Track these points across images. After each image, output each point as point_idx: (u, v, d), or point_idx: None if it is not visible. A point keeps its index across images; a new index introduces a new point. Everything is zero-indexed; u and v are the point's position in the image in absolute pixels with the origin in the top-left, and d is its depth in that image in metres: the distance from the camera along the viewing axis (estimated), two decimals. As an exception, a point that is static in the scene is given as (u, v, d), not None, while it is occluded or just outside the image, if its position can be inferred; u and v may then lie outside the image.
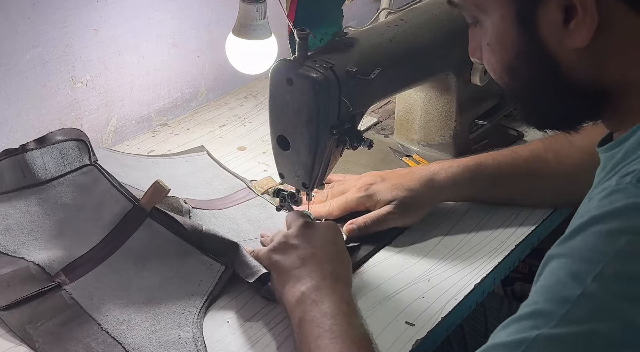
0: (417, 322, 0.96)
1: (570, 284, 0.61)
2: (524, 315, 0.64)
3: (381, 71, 1.02)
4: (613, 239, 0.61)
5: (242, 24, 1.27)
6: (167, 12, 1.37)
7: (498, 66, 0.77)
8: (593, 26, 0.67)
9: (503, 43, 0.74)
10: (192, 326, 0.92)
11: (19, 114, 1.20)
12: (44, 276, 0.96)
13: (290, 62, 0.99)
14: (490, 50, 0.76)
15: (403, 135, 1.34)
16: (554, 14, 0.68)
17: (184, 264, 1.00)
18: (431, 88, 1.26)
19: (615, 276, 0.60)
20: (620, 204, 0.62)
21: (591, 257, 0.61)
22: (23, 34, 1.15)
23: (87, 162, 1.09)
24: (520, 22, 0.71)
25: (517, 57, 0.74)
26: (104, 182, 1.06)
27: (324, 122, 0.99)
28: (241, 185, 1.20)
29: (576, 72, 0.71)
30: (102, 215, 1.04)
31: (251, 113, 1.45)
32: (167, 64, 1.42)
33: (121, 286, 0.97)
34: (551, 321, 0.61)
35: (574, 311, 0.60)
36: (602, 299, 0.60)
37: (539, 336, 0.61)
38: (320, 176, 1.05)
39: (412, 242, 1.11)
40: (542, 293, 0.63)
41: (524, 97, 0.78)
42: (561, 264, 0.63)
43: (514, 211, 1.17)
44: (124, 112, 1.37)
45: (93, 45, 1.27)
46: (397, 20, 1.13)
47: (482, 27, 0.77)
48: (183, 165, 1.24)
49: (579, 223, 0.64)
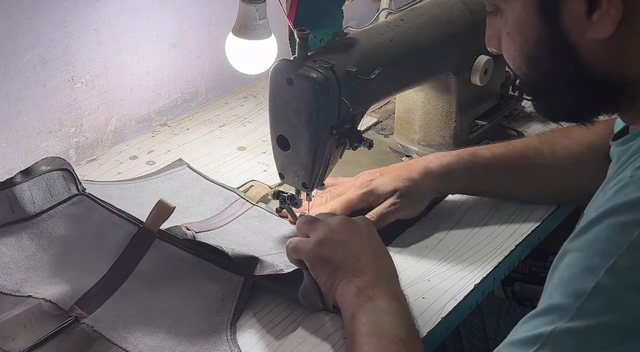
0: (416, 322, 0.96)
1: (584, 277, 0.61)
2: (541, 311, 0.64)
3: (381, 71, 1.02)
4: (627, 232, 0.61)
5: (242, 24, 1.27)
6: (167, 12, 1.37)
7: (517, 56, 0.76)
8: (617, 18, 0.66)
9: (523, 32, 0.73)
10: (229, 344, 0.91)
11: (18, 114, 1.20)
12: (58, 311, 0.93)
13: (290, 62, 0.99)
14: (510, 39, 0.75)
15: (403, 135, 1.34)
16: (578, 4, 0.68)
17: (202, 281, 0.98)
18: (431, 88, 1.26)
19: (628, 268, 0.60)
20: (634, 196, 0.62)
21: (604, 250, 0.61)
22: (23, 34, 1.15)
23: (75, 192, 1.07)
24: (543, 11, 0.70)
25: (537, 47, 0.73)
26: (99, 210, 1.04)
27: (324, 122, 0.99)
28: (233, 196, 1.18)
29: (597, 63, 0.70)
30: (106, 243, 1.01)
31: (251, 113, 1.45)
32: (167, 64, 1.42)
33: (142, 312, 0.94)
34: (567, 315, 0.61)
35: (588, 305, 0.60)
36: (615, 292, 0.60)
37: (555, 330, 0.61)
38: (320, 176, 1.05)
39: (412, 242, 1.11)
40: (558, 288, 0.64)
41: (542, 88, 0.77)
42: (575, 258, 0.64)
43: (514, 211, 1.17)
44: (124, 112, 1.37)
45: (93, 45, 1.27)
46: (397, 21, 1.13)
47: (502, 15, 0.76)
48: (167, 185, 1.20)
49: (593, 216, 0.64)
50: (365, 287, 0.89)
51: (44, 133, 1.25)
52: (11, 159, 1.22)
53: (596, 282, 0.60)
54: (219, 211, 1.15)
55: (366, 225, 0.99)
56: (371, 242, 0.97)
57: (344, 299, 0.90)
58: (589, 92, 0.73)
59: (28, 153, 1.24)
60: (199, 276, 0.98)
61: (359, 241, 0.96)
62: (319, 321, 0.97)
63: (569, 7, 0.69)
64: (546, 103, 0.79)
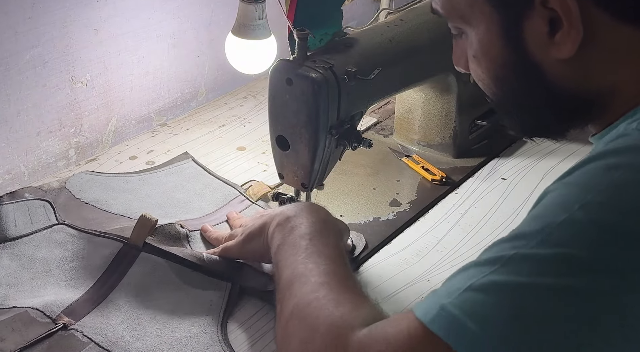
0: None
1: (557, 211, 0.62)
2: (508, 237, 0.64)
3: (381, 71, 1.02)
4: (608, 173, 0.61)
5: (242, 24, 1.27)
6: (167, 12, 1.37)
7: (485, 77, 0.77)
8: (578, 38, 0.68)
9: (489, 54, 0.74)
10: (221, 344, 0.90)
11: (18, 114, 1.20)
12: (45, 318, 0.91)
13: (290, 63, 0.99)
14: (476, 62, 0.77)
15: (403, 135, 1.35)
16: (540, 26, 0.69)
17: (189, 288, 0.98)
18: (431, 88, 1.26)
19: (602, 205, 0.60)
20: (622, 145, 0.63)
21: (583, 188, 0.62)
22: (23, 34, 1.15)
23: (55, 221, 1.07)
24: (506, 33, 0.72)
25: (503, 68, 0.74)
26: (82, 235, 1.04)
27: (323, 122, 0.99)
28: (234, 193, 1.19)
29: (563, 81, 0.72)
30: (90, 262, 1.01)
31: (251, 113, 1.45)
32: (167, 64, 1.42)
33: (130, 319, 0.93)
34: (531, 242, 0.61)
35: (554, 235, 0.61)
36: (583, 226, 0.60)
37: (516, 254, 0.61)
38: (320, 176, 1.05)
39: (412, 242, 1.11)
40: (530, 219, 0.64)
41: (512, 107, 0.78)
42: (554, 196, 0.64)
43: (514, 211, 1.17)
44: (123, 112, 1.38)
45: (93, 45, 1.27)
46: (397, 21, 1.13)
47: (467, 38, 0.77)
48: (171, 178, 1.22)
49: (579, 162, 0.64)
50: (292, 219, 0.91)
51: (44, 133, 1.25)
52: (11, 159, 1.22)
53: (567, 216, 0.61)
54: (218, 207, 1.16)
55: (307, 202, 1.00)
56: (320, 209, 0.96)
57: (270, 234, 0.93)
58: (558, 109, 0.75)
59: (28, 153, 1.24)
60: (187, 283, 0.99)
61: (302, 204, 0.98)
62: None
63: (532, 28, 0.70)
64: (516, 120, 0.80)
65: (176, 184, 1.20)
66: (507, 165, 1.30)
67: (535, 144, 1.34)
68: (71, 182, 1.17)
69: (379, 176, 1.26)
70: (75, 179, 1.18)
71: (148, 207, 1.13)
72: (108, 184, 1.19)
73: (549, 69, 0.71)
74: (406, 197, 1.21)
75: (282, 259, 0.88)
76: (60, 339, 0.89)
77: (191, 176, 1.23)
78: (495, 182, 1.26)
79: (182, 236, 1.06)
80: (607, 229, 0.60)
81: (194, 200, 1.17)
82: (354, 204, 1.18)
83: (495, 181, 1.26)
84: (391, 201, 1.20)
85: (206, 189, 1.20)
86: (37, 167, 1.26)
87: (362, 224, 1.14)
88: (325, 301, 0.76)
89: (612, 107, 0.71)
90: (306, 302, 0.77)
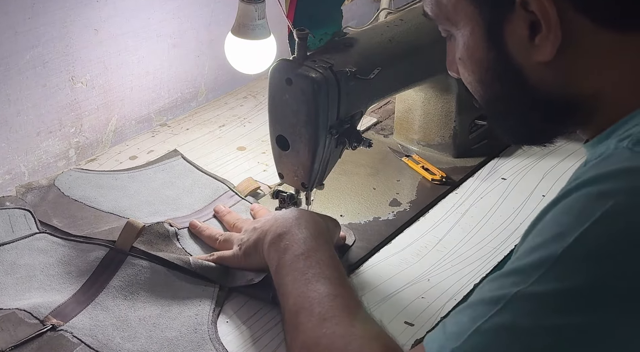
0: (416, 322, 0.96)
1: (553, 243, 0.62)
2: (507, 272, 0.64)
3: (380, 71, 1.02)
4: (601, 201, 0.61)
5: (241, 24, 1.27)
6: (167, 12, 1.37)
7: (472, 80, 0.78)
8: (557, 42, 0.68)
9: (473, 57, 0.75)
10: (212, 342, 0.90)
11: (18, 114, 1.20)
12: (33, 320, 0.91)
13: (290, 62, 0.99)
14: (463, 65, 0.77)
15: (403, 135, 1.35)
16: (521, 29, 0.69)
17: (178, 290, 0.98)
18: (431, 88, 1.26)
19: (598, 237, 0.60)
20: (613, 167, 0.63)
21: (577, 217, 0.62)
22: (23, 34, 1.15)
23: (37, 230, 1.06)
24: (489, 37, 0.72)
25: (487, 72, 0.75)
26: (65, 243, 1.04)
27: (323, 122, 0.99)
28: (223, 188, 1.19)
29: (544, 85, 0.72)
30: (76, 267, 1.00)
31: (251, 113, 1.45)
32: (167, 64, 1.42)
33: (119, 321, 0.93)
34: (530, 279, 0.61)
35: (553, 270, 0.61)
36: (581, 259, 0.60)
37: (518, 293, 0.62)
38: (320, 176, 1.05)
39: (412, 242, 1.11)
40: (527, 251, 0.64)
41: (498, 111, 0.79)
42: (549, 224, 0.64)
43: (514, 211, 1.17)
44: (123, 112, 1.38)
45: (93, 45, 1.27)
46: (397, 21, 1.13)
47: (455, 41, 0.78)
48: (160, 175, 1.22)
49: (572, 185, 0.64)
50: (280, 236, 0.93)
51: (44, 133, 1.25)
52: (11, 159, 1.22)
53: (563, 249, 0.61)
54: (207, 203, 1.16)
55: (294, 213, 0.99)
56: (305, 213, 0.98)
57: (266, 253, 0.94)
58: (541, 113, 0.75)
59: (28, 153, 1.24)
60: (175, 285, 0.98)
61: (290, 212, 0.99)
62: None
63: (514, 31, 0.70)
64: (504, 126, 0.80)
65: (165, 181, 1.21)
66: (507, 165, 1.30)
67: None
68: (60, 180, 1.17)
69: (379, 176, 1.26)
70: (64, 177, 1.18)
71: (137, 204, 1.14)
72: (97, 181, 1.19)
73: (530, 72, 0.72)
74: (406, 197, 1.21)
75: (283, 284, 0.89)
76: (50, 340, 0.89)
77: (180, 172, 1.23)
78: (495, 182, 1.26)
79: (172, 234, 1.06)
80: (604, 260, 0.60)
81: (183, 196, 1.17)
82: (354, 203, 1.18)
83: (495, 180, 1.26)
84: (391, 200, 1.20)
85: (195, 185, 1.20)
86: (37, 167, 1.26)
87: (362, 223, 1.14)
88: (334, 338, 0.78)
89: (601, 111, 0.71)
90: (315, 341, 0.80)
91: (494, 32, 0.72)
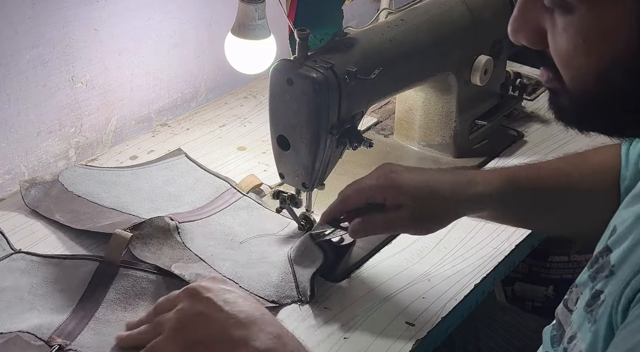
0: (417, 322, 0.96)
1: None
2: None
3: (381, 71, 1.02)
4: None
5: (241, 24, 1.27)
6: (167, 12, 1.37)
7: (589, 69, 0.63)
8: None
9: (610, 41, 0.61)
10: None
11: (18, 114, 1.20)
12: (38, 341, 0.88)
13: (290, 62, 0.99)
14: (586, 48, 0.62)
15: (403, 135, 1.34)
16: None
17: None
18: (431, 88, 1.26)
19: None
20: None
21: None
22: (23, 34, 1.15)
23: (11, 251, 1.03)
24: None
25: (626, 60, 0.61)
26: (46, 261, 1.01)
27: (324, 122, 0.99)
28: (225, 185, 1.19)
29: None
30: (67, 284, 0.98)
31: (251, 113, 1.45)
32: (167, 64, 1.42)
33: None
34: None
35: None
36: None
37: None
38: (320, 176, 1.05)
39: (412, 242, 1.11)
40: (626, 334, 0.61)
41: (603, 105, 0.65)
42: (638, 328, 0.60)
43: (514, 211, 1.17)
44: (124, 112, 1.37)
45: (93, 45, 1.27)
46: (397, 21, 1.13)
47: (573, 15, 0.62)
48: (163, 173, 1.22)
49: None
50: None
51: (44, 133, 1.25)
52: (11, 159, 1.22)
53: None
54: (209, 200, 1.16)
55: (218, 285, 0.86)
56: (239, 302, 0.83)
57: None
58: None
59: (28, 153, 1.24)
60: (169, 289, 0.96)
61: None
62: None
63: None
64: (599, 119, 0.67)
65: (168, 178, 1.21)
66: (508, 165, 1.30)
67: (534, 145, 1.34)
68: (64, 175, 1.17)
69: (380, 176, 1.26)
70: (68, 172, 1.18)
71: (139, 200, 1.14)
72: (100, 177, 1.19)
73: None
74: (406, 197, 1.20)
75: None
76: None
77: (184, 170, 1.23)
78: (496, 182, 1.26)
79: (172, 228, 1.06)
80: None
81: (186, 194, 1.17)
82: (355, 204, 1.18)
83: (495, 180, 1.26)
84: (391, 200, 1.19)
85: (198, 183, 1.20)
86: (37, 167, 1.26)
87: (362, 224, 1.13)
88: None
89: None
90: None
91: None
